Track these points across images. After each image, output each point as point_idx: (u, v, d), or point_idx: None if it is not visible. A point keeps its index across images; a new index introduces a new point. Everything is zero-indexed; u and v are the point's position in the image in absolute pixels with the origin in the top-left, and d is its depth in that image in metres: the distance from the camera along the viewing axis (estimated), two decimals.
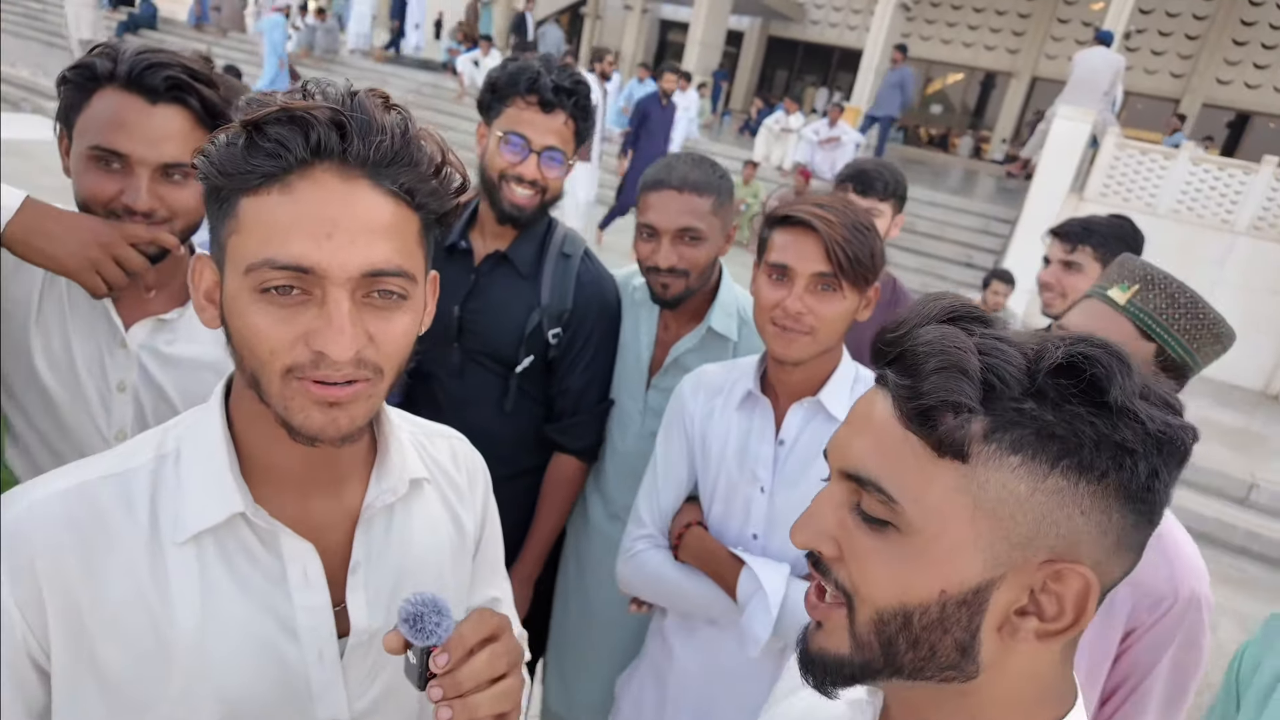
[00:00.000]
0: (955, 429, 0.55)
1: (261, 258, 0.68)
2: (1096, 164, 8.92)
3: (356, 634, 0.83)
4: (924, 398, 0.55)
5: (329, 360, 0.69)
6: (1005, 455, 0.55)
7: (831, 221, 1.32)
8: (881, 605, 0.58)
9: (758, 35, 20.03)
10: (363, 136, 0.69)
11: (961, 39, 17.93)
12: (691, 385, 1.55)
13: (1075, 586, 0.56)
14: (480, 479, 1.02)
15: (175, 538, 0.75)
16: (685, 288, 1.66)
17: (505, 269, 1.74)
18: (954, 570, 0.56)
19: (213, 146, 0.70)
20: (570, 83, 1.63)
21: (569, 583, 1.93)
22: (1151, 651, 1.20)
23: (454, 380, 1.75)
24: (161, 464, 0.78)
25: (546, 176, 1.66)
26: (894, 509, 0.57)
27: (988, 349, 0.55)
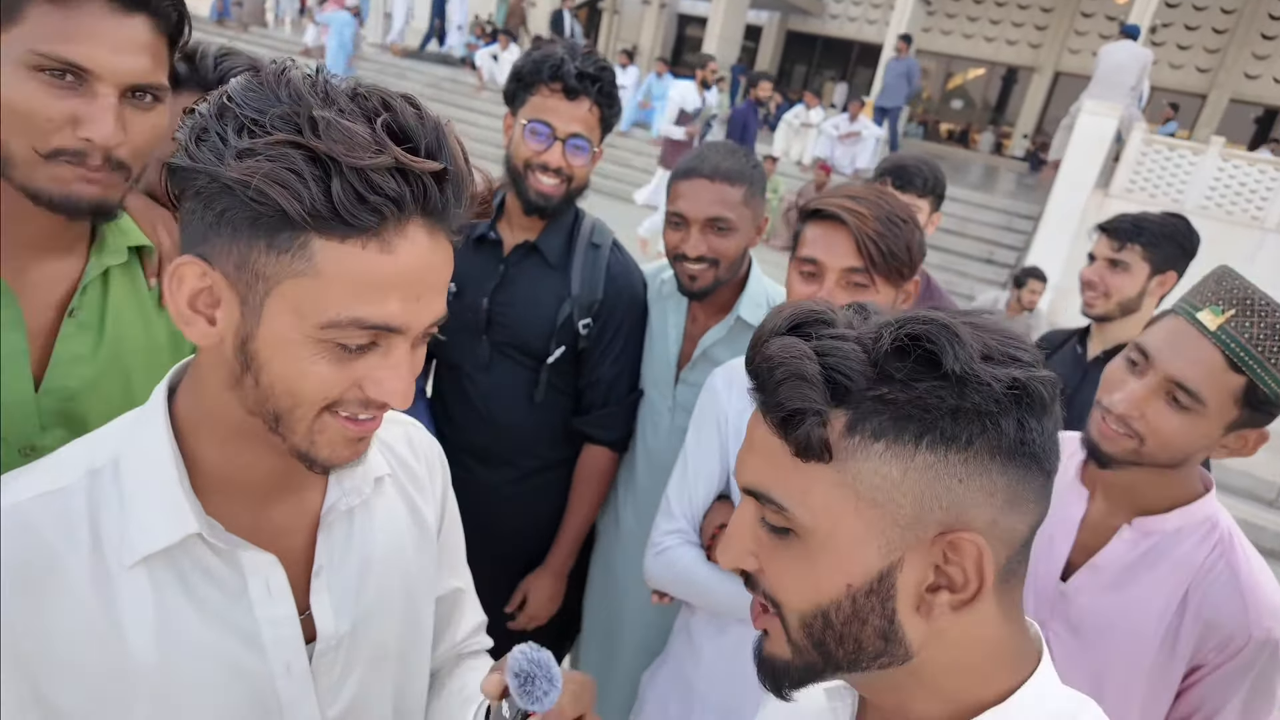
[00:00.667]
0: (809, 433, 0.57)
1: (350, 316, 0.63)
2: (1122, 160, 8.81)
3: (324, 639, 0.79)
4: (779, 410, 0.58)
5: (380, 405, 0.69)
6: (869, 444, 0.57)
7: (863, 214, 1.29)
8: (801, 609, 0.61)
9: (776, 30, 19.89)
10: (457, 194, 0.67)
11: (983, 33, 17.72)
12: (724, 379, 1.52)
13: (970, 553, 0.58)
14: (439, 467, 0.99)
15: (123, 561, 0.69)
16: (714, 278, 1.64)
17: (534, 260, 1.73)
18: (853, 563, 0.59)
19: (293, 176, 0.60)
20: (595, 69, 1.62)
21: (598, 580, 1.93)
22: (1219, 691, 1.14)
23: (481, 373, 1.75)
24: (96, 480, 0.71)
25: (572, 164, 1.64)
26: (787, 516, 0.60)
27: (825, 350, 0.58)
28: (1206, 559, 1.16)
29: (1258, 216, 8.32)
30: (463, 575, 1.05)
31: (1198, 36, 15.70)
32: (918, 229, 1.34)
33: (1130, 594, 1.19)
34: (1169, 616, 1.16)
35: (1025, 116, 17.61)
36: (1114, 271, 2.08)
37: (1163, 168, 8.69)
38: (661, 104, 12.06)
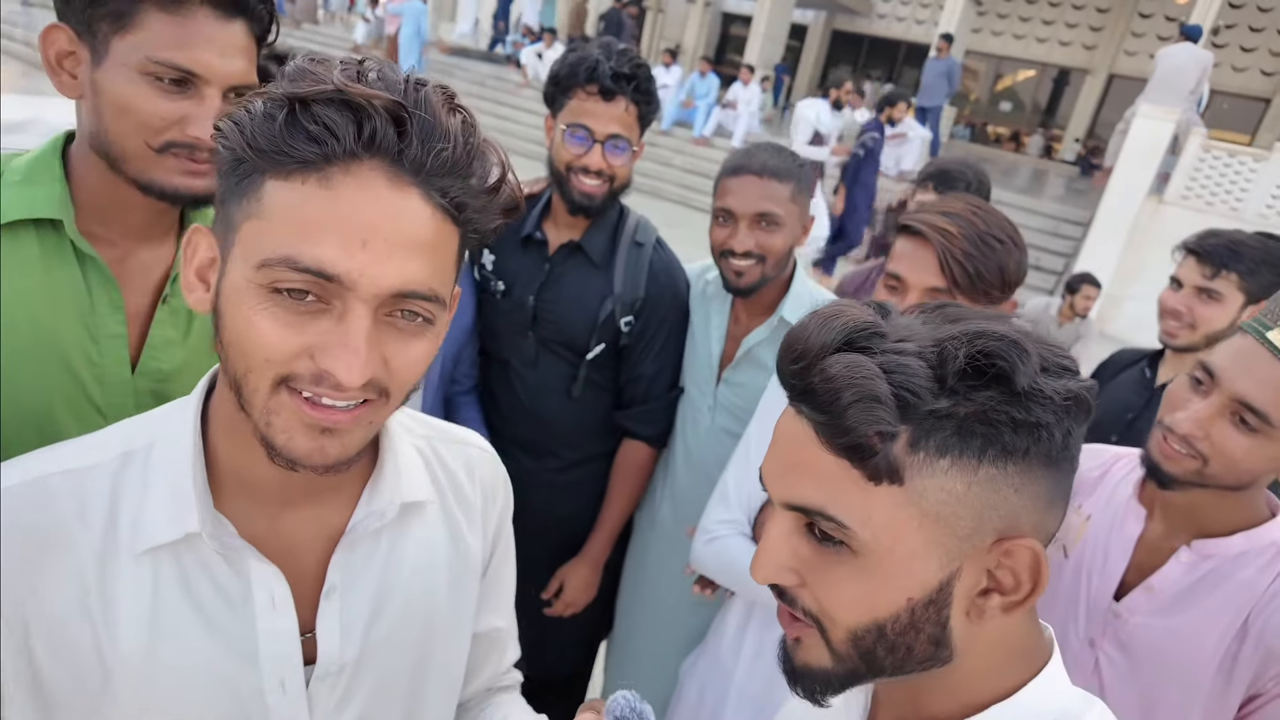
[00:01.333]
0: (886, 458, 0.57)
1: (281, 254, 0.59)
2: (1179, 165, 8.55)
3: (324, 664, 0.74)
4: (849, 434, 0.56)
5: (334, 380, 0.60)
6: (935, 460, 0.56)
7: (951, 234, 1.25)
8: (852, 624, 0.60)
9: (822, 29, 19.71)
10: (423, 139, 0.60)
11: (1035, 34, 17.33)
12: None
13: (1025, 559, 0.59)
14: (499, 497, 0.92)
15: (133, 548, 0.67)
16: (761, 275, 1.64)
17: (579, 259, 1.76)
18: (915, 577, 0.59)
19: (245, 113, 0.60)
20: (630, 68, 1.62)
21: (634, 576, 1.95)
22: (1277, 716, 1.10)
23: (528, 369, 1.79)
24: (128, 462, 0.70)
25: (612, 165, 1.66)
26: (846, 533, 0.59)
27: (892, 367, 0.56)
28: (1271, 585, 1.12)
29: None
30: (506, 614, 0.99)
31: (1262, 39, 15.15)
32: (1017, 249, 1.28)
33: (1186, 618, 1.15)
34: (1227, 642, 1.12)
35: (1077, 120, 17.19)
36: (1203, 301, 1.81)
37: (1221, 174, 8.42)
38: (705, 103, 12.05)
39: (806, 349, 0.59)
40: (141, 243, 1.06)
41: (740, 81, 12.17)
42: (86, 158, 1.00)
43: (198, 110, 0.96)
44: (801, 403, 0.60)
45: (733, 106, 12.06)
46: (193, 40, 0.94)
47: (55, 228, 0.98)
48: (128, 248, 1.05)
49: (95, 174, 0.99)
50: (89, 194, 1.01)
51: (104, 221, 1.02)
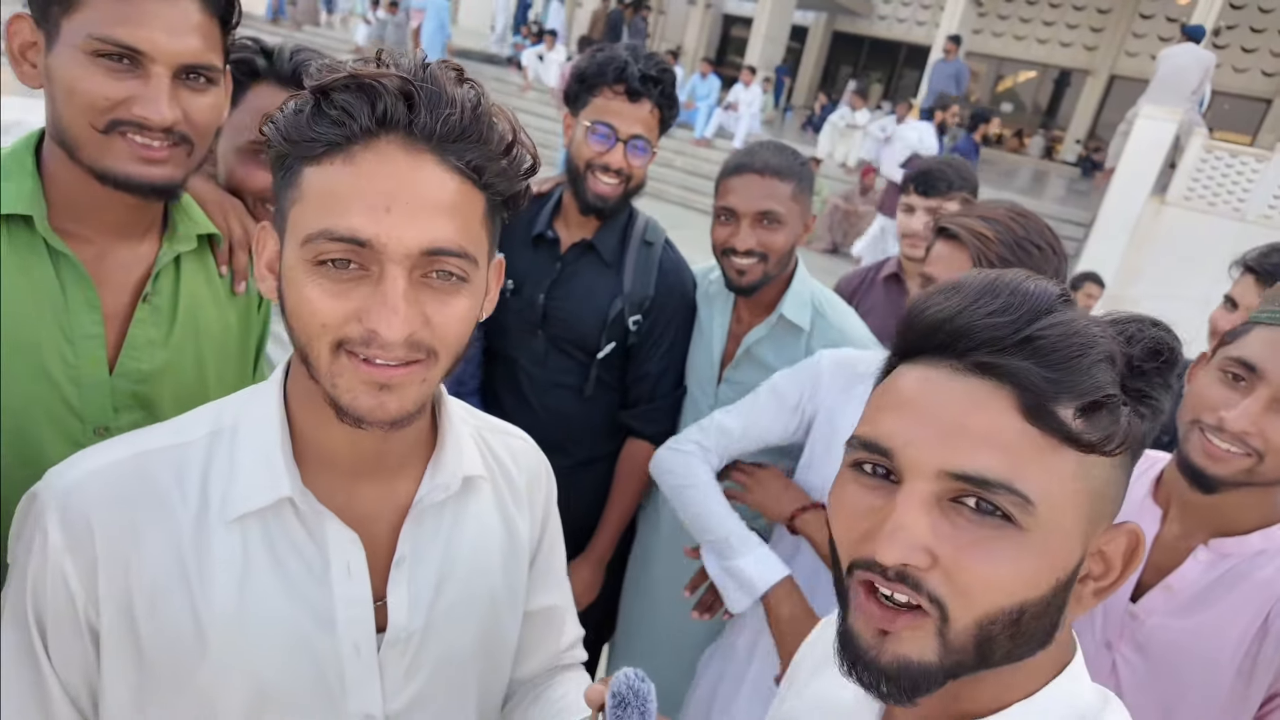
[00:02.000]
0: (1119, 422, 0.54)
1: (319, 228, 0.66)
2: (1181, 166, 8.54)
3: (394, 630, 0.80)
4: (1086, 393, 0.54)
5: (380, 339, 0.66)
6: None
7: (987, 238, 1.24)
8: (992, 608, 0.55)
9: (822, 30, 19.72)
10: (431, 109, 0.66)
11: (1035, 35, 17.33)
12: (833, 360, 1.50)
13: (1124, 543, 0.59)
14: (543, 483, 0.98)
15: (224, 516, 0.73)
16: (763, 274, 1.64)
17: (590, 258, 1.77)
18: (1067, 555, 0.56)
19: (280, 113, 0.68)
20: (657, 71, 1.64)
21: (637, 576, 1.94)
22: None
23: (537, 367, 1.79)
24: (216, 440, 0.76)
25: (632, 165, 1.67)
26: (1026, 508, 0.54)
27: (1138, 337, 0.56)
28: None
29: None
30: (561, 593, 1.03)
31: (1264, 39, 15.15)
32: (1056, 256, 1.26)
33: (1205, 618, 1.15)
34: (1247, 643, 1.12)
35: (1078, 121, 17.19)
36: None
37: (1224, 175, 8.41)
38: (706, 104, 12.06)
39: (1021, 298, 0.56)
40: (119, 240, 1.03)
41: (741, 83, 12.18)
42: (54, 151, 0.97)
43: (144, 90, 0.92)
44: (1008, 358, 0.54)
45: (734, 108, 12.08)
46: (137, 17, 0.90)
47: (27, 224, 0.95)
48: (105, 245, 1.01)
49: (64, 168, 0.96)
50: (61, 189, 0.97)
51: (78, 218, 0.99)
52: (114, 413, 1.03)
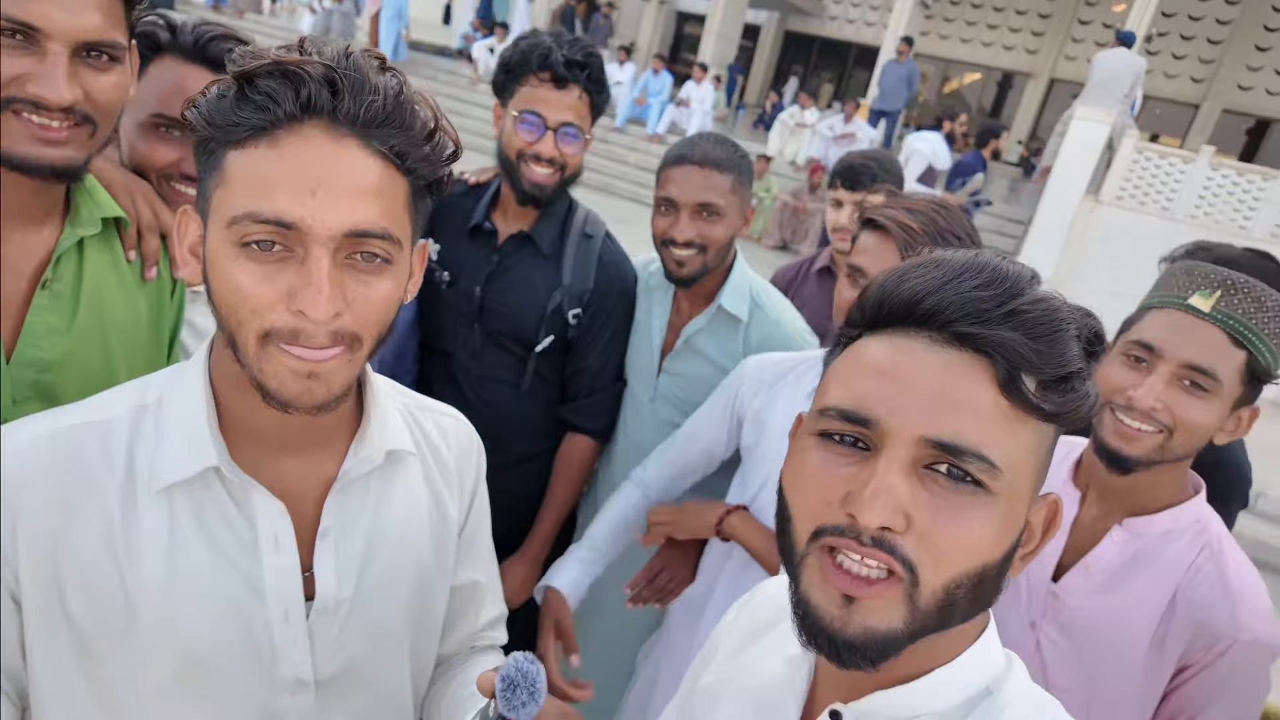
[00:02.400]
0: (1087, 395, 0.59)
1: (245, 210, 0.67)
2: (1114, 166, 8.86)
3: (322, 600, 0.82)
4: (1062, 365, 0.58)
5: (308, 321, 0.68)
6: None
7: (912, 229, 1.28)
8: (960, 571, 0.57)
9: (775, 29, 19.91)
10: (354, 95, 0.68)
11: (980, 38, 17.78)
12: (754, 365, 1.55)
13: (1044, 512, 0.64)
14: (473, 460, 1.00)
15: (151, 488, 0.75)
16: (702, 265, 1.65)
17: (528, 249, 1.75)
18: (1018, 522, 0.60)
19: (203, 97, 0.70)
20: (582, 56, 1.62)
21: None
22: (1203, 692, 1.15)
23: (473, 361, 1.76)
24: (141, 415, 0.78)
25: (565, 153, 1.65)
26: (994, 474, 0.57)
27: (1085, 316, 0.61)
28: (1195, 560, 1.17)
29: (1245, 226, 8.39)
30: (485, 569, 1.05)
31: (1192, 46, 15.80)
32: (975, 246, 1.31)
33: (1121, 595, 1.20)
34: (1158, 618, 1.17)
35: (1020, 122, 17.69)
36: None
37: (1154, 175, 8.75)
38: (658, 100, 12.09)
39: (1004, 275, 0.58)
40: (18, 224, 0.99)
41: (693, 80, 12.23)
42: None
43: (40, 68, 0.88)
44: (993, 329, 0.57)
45: (686, 105, 12.12)
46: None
47: None
48: (2, 230, 0.97)
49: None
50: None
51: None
52: (12, 404, 0.98)
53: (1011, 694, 0.64)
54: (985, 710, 0.63)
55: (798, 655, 0.73)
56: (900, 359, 0.59)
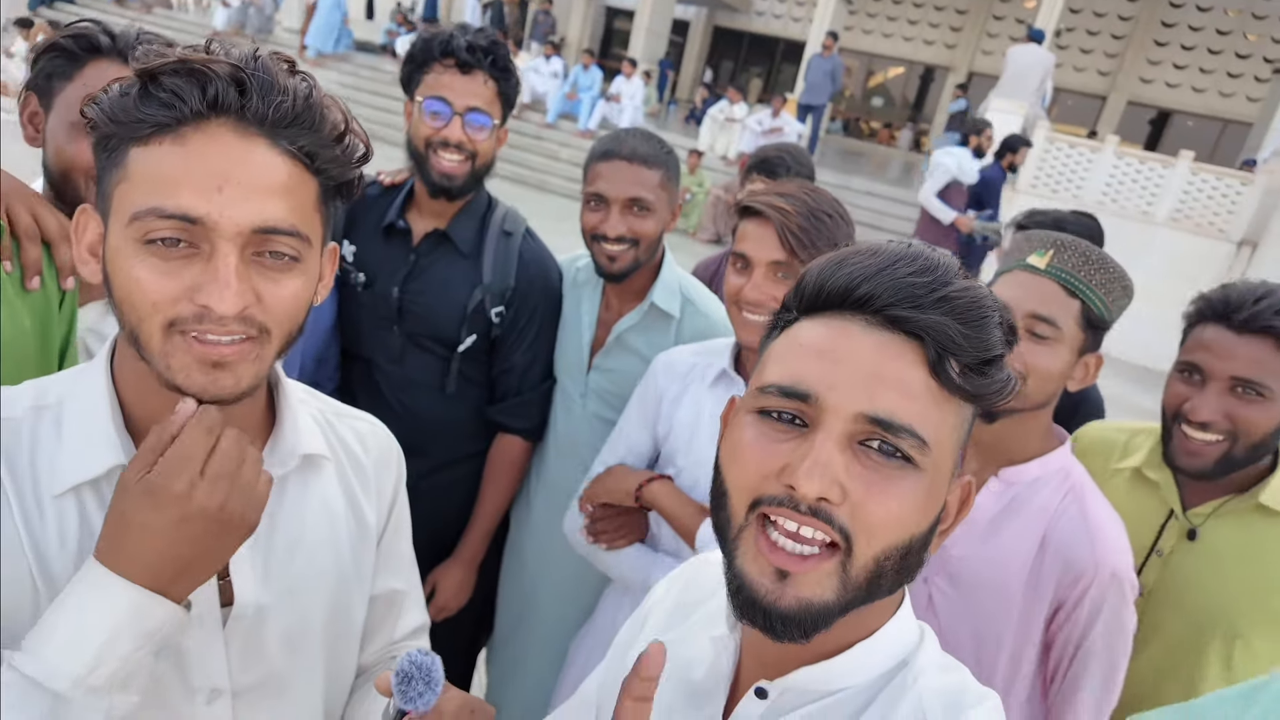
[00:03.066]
0: (1009, 379, 0.63)
1: (148, 206, 0.66)
2: (1028, 156, 9.24)
3: (241, 606, 0.80)
4: (983, 349, 0.61)
5: (213, 315, 0.67)
6: None
7: (787, 211, 1.33)
8: (888, 542, 0.60)
9: (704, 25, 20.07)
10: (262, 95, 0.68)
11: (901, 33, 18.30)
12: (664, 364, 1.57)
13: (958, 494, 0.66)
14: (393, 466, 0.99)
15: (52, 489, 0.73)
16: (633, 259, 1.65)
17: (445, 248, 1.71)
18: (941, 497, 0.64)
19: (105, 94, 0.69)
20: (486, 42, 1.61)
21: (512, 569, 1.92)
22: (1080, 630, 1.23)
23: (394, 365, 1.72)
24: (39, 416, 0.76)
25: (474, 140, 1.62)
26: (922, 450, 0.60)
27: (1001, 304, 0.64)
28: (1060, 504, 1.27)
29: (1148, 211, 8.87)
30: (405, 577, 1.04)
31: (1098, 41, 16.60)
32: (845, 223, 1.39)
33: (998, 542, 1.28)
34: (1031, 560, 1.26)
35: (942, 114, 18.28)
36: None
37: (1064, 164, 9.17)
38: (589, 96, 12.05)
39: (935, 264, 0.62)
40: None
41: (622, 75, 12.24)
42: None
43: None
44: (926, 313, 0.60)
45: (617, 100, 12.12)
46: None
47: None
48: None
49: None
50: None
51: None
52: None
53: (923, 662, 0.67)
54: (901, 680, 0.66)
55: (723, 635, 0.75)
56: (837, 340, 0.62)
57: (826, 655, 0.66)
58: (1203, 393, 1.31)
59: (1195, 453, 1.32)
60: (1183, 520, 1.41)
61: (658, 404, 1.55)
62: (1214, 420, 1.30)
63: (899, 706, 0.65)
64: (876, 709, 0.65)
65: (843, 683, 0.67)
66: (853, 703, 0.67)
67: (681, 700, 0.77)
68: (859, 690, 0.67)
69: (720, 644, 0.75)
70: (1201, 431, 1.31)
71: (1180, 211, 8.76)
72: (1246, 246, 8.45)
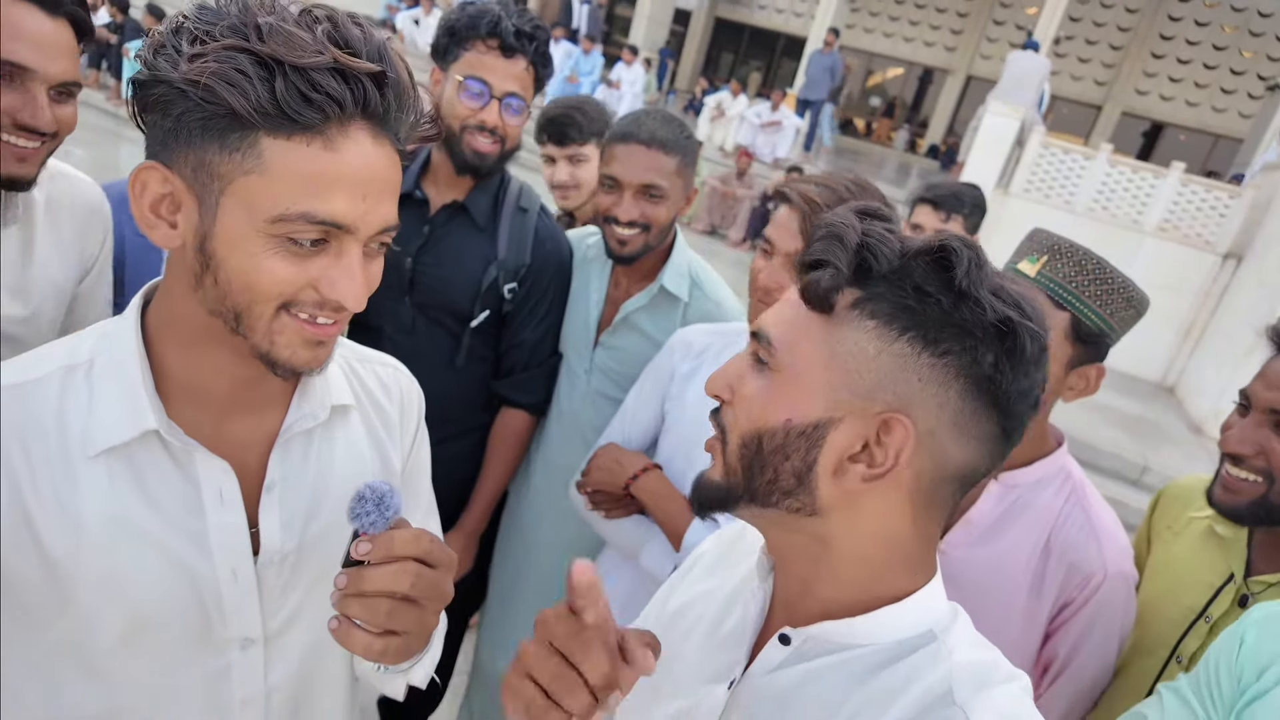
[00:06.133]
0: (819, 281, 0.66)
1: (298, 210, 0.68)
2: (1022, 161, 9.31)
3: (268, 553, 0.83)
4: (808, 256, 0.68)
5: (336, 305, 0.72)
6: (863, 320, 0.65)
7: (815, 202, 1.33)
8: (744, 430, 0.69)
9: (705, 15, 20.00)
10: (397, 98, 0.71)
11: (902, 34, 18.32)
12: (682, 341, 1.59)
13: (899, 436, 0.65)
14: (414, 408, 1.01)
15: (85, 452, 0.74)
16: (644, 244, 1.66)
17: (461, 220, 1.71)
18: (801, 405, 0.67)
19: (233, 71, 0.64)
20: (531, 27, 1.61)
21: (508, 540, 1.94)
22: (1086, 627, 1.24)
23: (403, 336, 1.71)
24: (70, 375, 0.76)
25: (508, 124, 1.63)
26: (771, 353, 0.69)
27: (871, 232, 0.66)
28: (1063, 507, 1.28)
29: (1138, 220, 8.96)
30: (423, 513, 1.06)
31: (1096, 51, 16.70)
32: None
33: (999, 545, 1.28)
34: (1034, 562, 1.27)
35: (939, 116, 18.35)
36: None
37: (1057, 170, 9.24)
38: (589, 80, 12.01)
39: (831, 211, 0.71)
40: None
41: (623, 62, 12.20)
42: None
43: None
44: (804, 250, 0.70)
45: (616, 86, 12.09)
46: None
47: None
48: None
49: None
50: None
51: None
52: None
53: (957, 639, 0.70)
54: (933, 652, 0.68)
55: (755, 587, 0.79)
56: None
57: (852, 613, 0.70)
58: (1241, 423, 1.23)
59: (1229, 488, 1.22)
60: (1240, 584, 1.26)
61: (669, 381, 1.57)
62: (1243, 452, 1.20)
63: (927, 675, 0.67)
64: (902, 669, 0.68)
65: (865, 640, 0.70)
66: (872, 659, 0.69)
67: (713, 645, 0.81)
68: (880, 649, 0.69)
69: (751, 594, 0.79)
70: (1234, 466, 1.22)
71: (1169, 222, 8.87)
72: (1232, 259, 8.57)
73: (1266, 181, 8.56)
